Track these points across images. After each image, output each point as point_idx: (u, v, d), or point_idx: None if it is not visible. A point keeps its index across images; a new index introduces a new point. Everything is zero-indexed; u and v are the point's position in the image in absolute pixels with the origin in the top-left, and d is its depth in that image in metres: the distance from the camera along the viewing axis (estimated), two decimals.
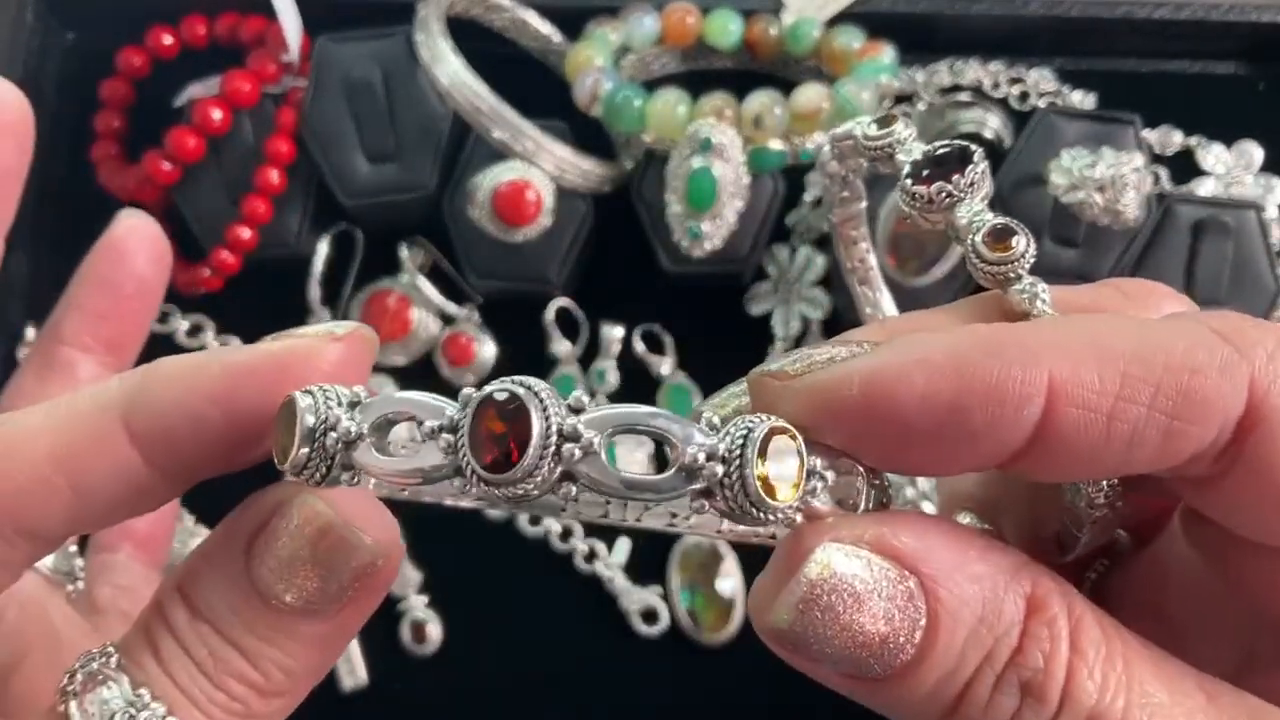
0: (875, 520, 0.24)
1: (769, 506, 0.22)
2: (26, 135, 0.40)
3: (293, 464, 0.25)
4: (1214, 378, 0.23)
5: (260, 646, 0.27)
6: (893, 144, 0.27)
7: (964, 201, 0.26)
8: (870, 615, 0.23)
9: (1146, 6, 0.61)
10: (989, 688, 0.23)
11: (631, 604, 0.57)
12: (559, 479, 0.23)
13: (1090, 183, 0.53)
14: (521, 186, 0.56)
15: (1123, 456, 0.23)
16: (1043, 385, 0.22)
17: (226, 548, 0.27)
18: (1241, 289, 0.56)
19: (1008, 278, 0.25)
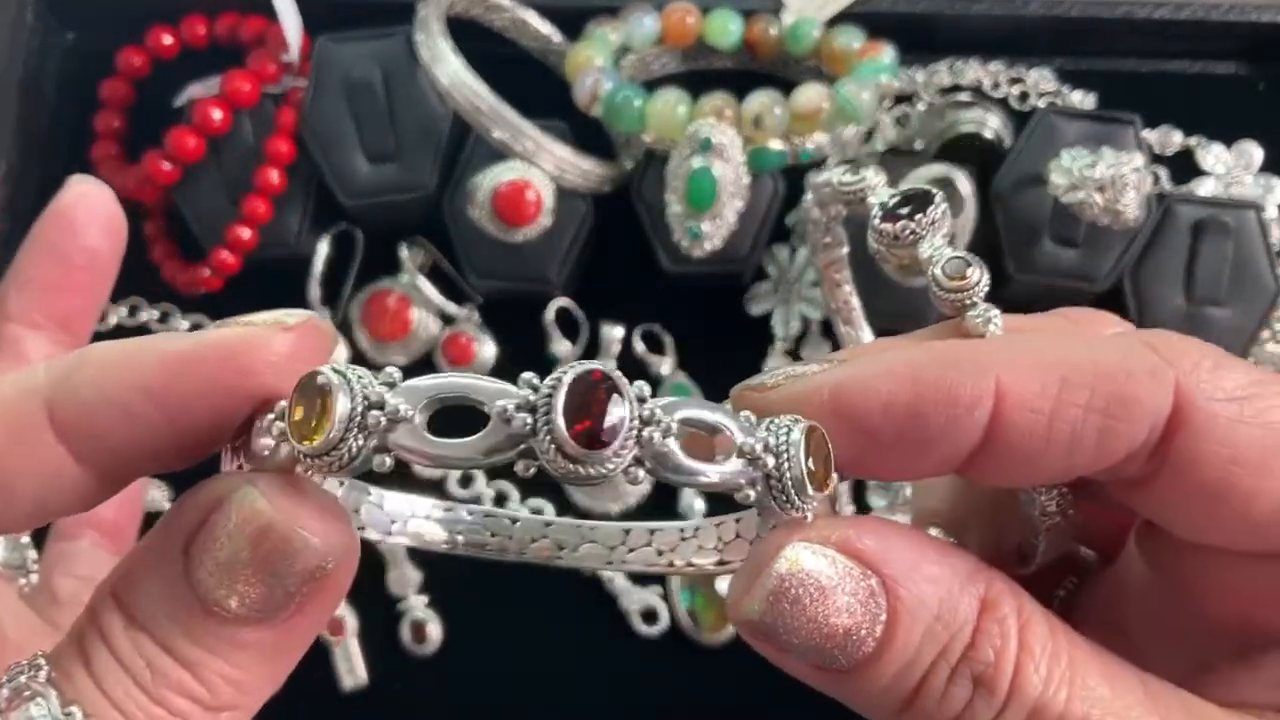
0: (841, 523, 0.26)
1: (809, 497, 0.25)
2: (118, 230, 0.38)
3: (322, 445, 0.23)
4: (1144, 382, 0.25)
5: (203, 656, 0.25)
6: (864, 189, 0.31)
7: (925, 238, 0.29)
8: (834, 610, 0.25)
9: (1146, 6, 0.61)
10: (944, 680, 0.25)
11: (631, 604, 0.57)
12: (632, 462, 0.24)
13: (1090, 183, 0.53)
14: (521, 186, 0.56)
15: (1065, 455, 0.25)
16: (990, 390, 0.25)
17: (163, 548, 0.25)
18: (1241, 289, 0.56)
19: (964, 304, 0.28)
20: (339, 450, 0.23)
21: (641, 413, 0.24)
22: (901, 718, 0.26)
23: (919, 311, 0.54)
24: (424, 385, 0.24)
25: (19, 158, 0.61)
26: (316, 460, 0.23)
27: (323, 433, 0.23)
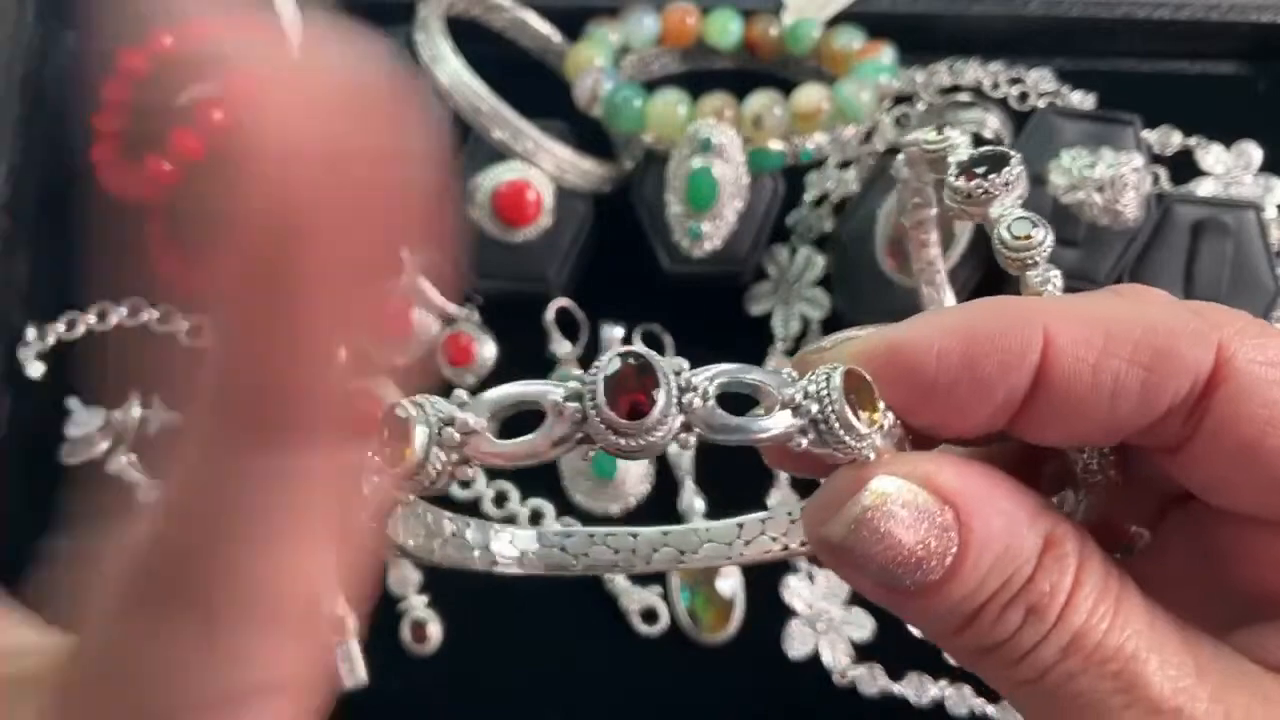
0: (923, 458, 0.27)
1: (858, 434, 0.26)
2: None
3: (410, 467, 0.26)
4: (1186, 338, 0.27)
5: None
6: (947, 149, 0.32)
7: (998, 198, 0.30)
8: (910, 538, 0.26)
9: (1146, 6, 0.61)
10: (1000, 607, 0.27)
11: (631, 603, 0.57)
12: (680, 428, 0.26)
13: (1090, 183, 0.53)
14: (521, 186, 0.56)
15: (1109, 405, 0.27)
16: (1039, 339, 0.27)
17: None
18: (1241, 289, 0.56)
19: (1026, 264, 0.29)
20: (426, 468, 0.26)
21: (679, 382, 0.26)
22: (956, 638, 0.27)
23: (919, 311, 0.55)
24: (489, 397, 0.27)
25: (20, 158, 0.61)
26: (411, 482, 0.26)
27: (408, 456, 0.26)
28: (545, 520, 0.58)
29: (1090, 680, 0.26)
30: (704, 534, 0.33)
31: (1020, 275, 0.30)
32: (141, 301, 0.61)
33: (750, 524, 0.32)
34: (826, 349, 0.29)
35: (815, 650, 0.56)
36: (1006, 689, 0.28)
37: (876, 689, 0.55)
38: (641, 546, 0.34)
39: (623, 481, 0.58)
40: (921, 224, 0.38)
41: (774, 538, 0.32)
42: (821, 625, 0.56)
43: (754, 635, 0.56)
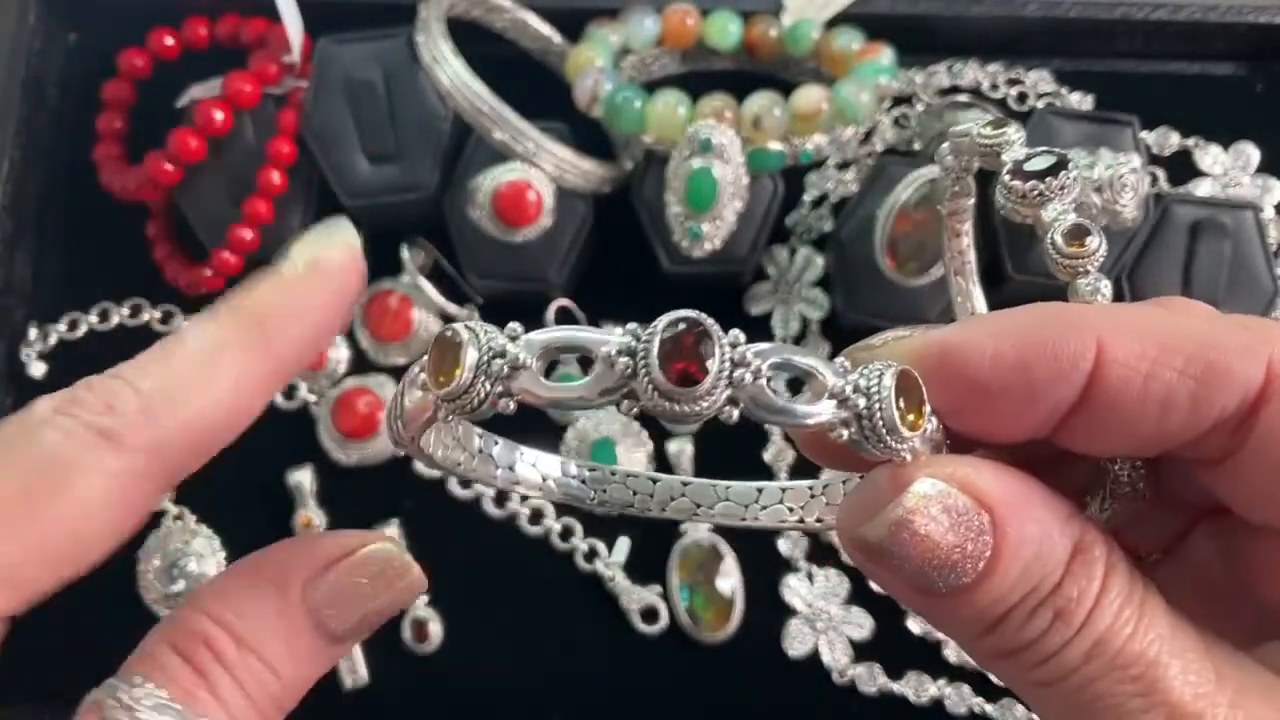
0: (963, 462, 0.27)
1: (901, 436, 0.26)
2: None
3: (455, 389, 0.26)
4: (1236, 354, 0.27)
5: (295, 673, 0.31)
6: (1002, 144, 0.31)
7: (1053, 201, 0.30)
8: (947, 541, 0.27)
9: (1144, 8, 0.61)
10: (1029, 610, 0.27)
11: (631, 603, 0.57)
12: (726, 401, 0.26)
13: (1088, 183, 0.53)
14: (522, 187, 0.56)
15: (1158, 417, 0.27)
16: (1092, 347, 0.27)
17: (279, 583, 0.32)
18: (1239, 289, 0.56)
19: (1078, 271, 0.29)
20: (470, 394, 0.26)
21: (734, 355, 0.25)
22: (982, 640, 0.28)
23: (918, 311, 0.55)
24: (541, 337, 0.27)
25: (21, 158, 0.62)
26: (451, 403, 0.26)
27: (455, 378, 0.26)
28: (545, 519, 0.58)
29: (1112, 684, 0.27)
30: (723, 491, 0.33)
31: (1070, 282, 0.30)
32: (144, 302, 0.61)
33: (770, 490, 0.32)
34: (876, 346, 0.29)
35: (815, 649, 0.56)
36: (1028, 690, 0.29)
37: (875, 688, 0.55)
38: (660, 492, 0.34)
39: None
40: (958, 213, 0.38)
41: (791, 508, 0.32)
42: (821, 624, 0.56)
43: (754, 634, 0.56)
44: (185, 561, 0.56)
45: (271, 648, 0.31)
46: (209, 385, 0.32)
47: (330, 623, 0.32)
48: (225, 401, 0.32)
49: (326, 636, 0.32)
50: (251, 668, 0.31)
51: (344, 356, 0.61)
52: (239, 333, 0.33)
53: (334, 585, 0.32)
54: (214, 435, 0.32)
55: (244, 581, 0.32)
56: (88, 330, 0.61)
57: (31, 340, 0.61)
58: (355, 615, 0.32)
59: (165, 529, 0.57)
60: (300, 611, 0.31)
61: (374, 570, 0.32)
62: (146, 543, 0.57)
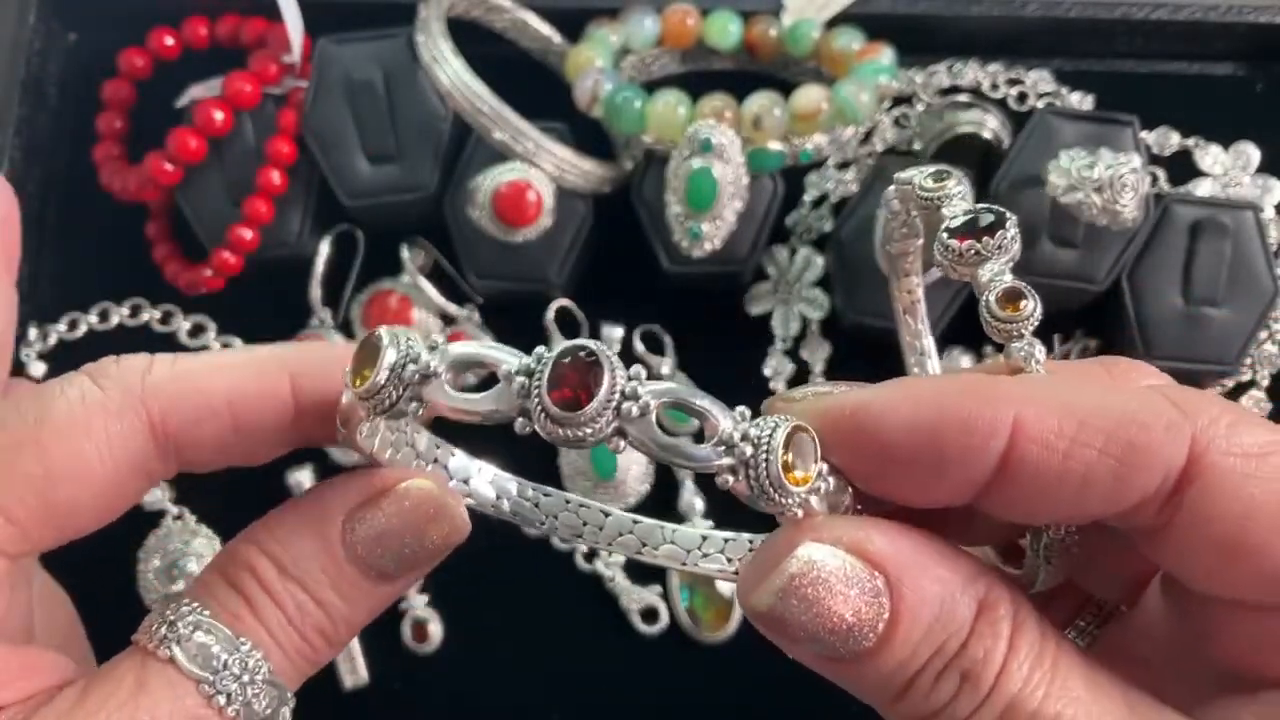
0: (853, 524, 0.27)
1: (786, 490, 0.26)
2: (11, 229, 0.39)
3: (369, 388, 0.28)
4: (1159, 433, 0.26)
5: (338, 603, 0.32)
6: (941, 197, 0.31)
7: (989, 261, 0.29)
8: (841, 605, 0.26)
9: (1144, 8, 0.61)
10: (935, 674, 0.27)
11: (631, 603, 0.57)
12: (613, 432, 0.26)
13: (1088, 183, 0.53)
14: (522, 187, 0.56)
15: (1077, 495, 0.27)
16: (1008, 423, 0.26)
17: (321, 517, 0.32)
18: (1239, 289, 0.56)
19: (1011, 335, 0.29)
20: (381, 394, 0.28)
21: (624, 388, 0.26)
22: (894, 707, 0.27)
23: None
24: (455, 350, 0.28)
25: (21, 158, 0.62)
26: (365, 401, 0.28)
27: (369, 380, 0.28)
28: None
29: None
30: (669, 534, 0.33)
31: (1005, 344, 0.29)
32: (144, 302, 0.61)
33: (713, 539, 0.33)
34: (796, 400, 0.29)
35: None
36: None
37: None
38: (609, 526, 0.34)
39: (623, 481, 0.58)
40: (907, 254, 0.37)
41: (729, 559, 0.32)
42: None
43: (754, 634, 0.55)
44: (185, 561, 0.56)
45: (315, 578, 0.32)
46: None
47: (371, 559, 0.32)
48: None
49: (370, 573, 0.32)
50: (294, 595, 0.32)
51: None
52: None
53: (372, 521, 0.32)
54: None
55: (290, 516, 0.33)
56: (88, 330, 0.61)
57: (31, 340, 0.61)
58: (395, 553, 0.32)
59: (165, 529, 0.57)
60: (340, 546, 0.32)
61: (409, 506, 0.32)
62: (146, 542, 0.57)
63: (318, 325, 0.61)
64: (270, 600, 0.31)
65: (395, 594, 0.34)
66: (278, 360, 0.33)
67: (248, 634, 0.31)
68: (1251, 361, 0.58)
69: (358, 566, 0.32)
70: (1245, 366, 0.58)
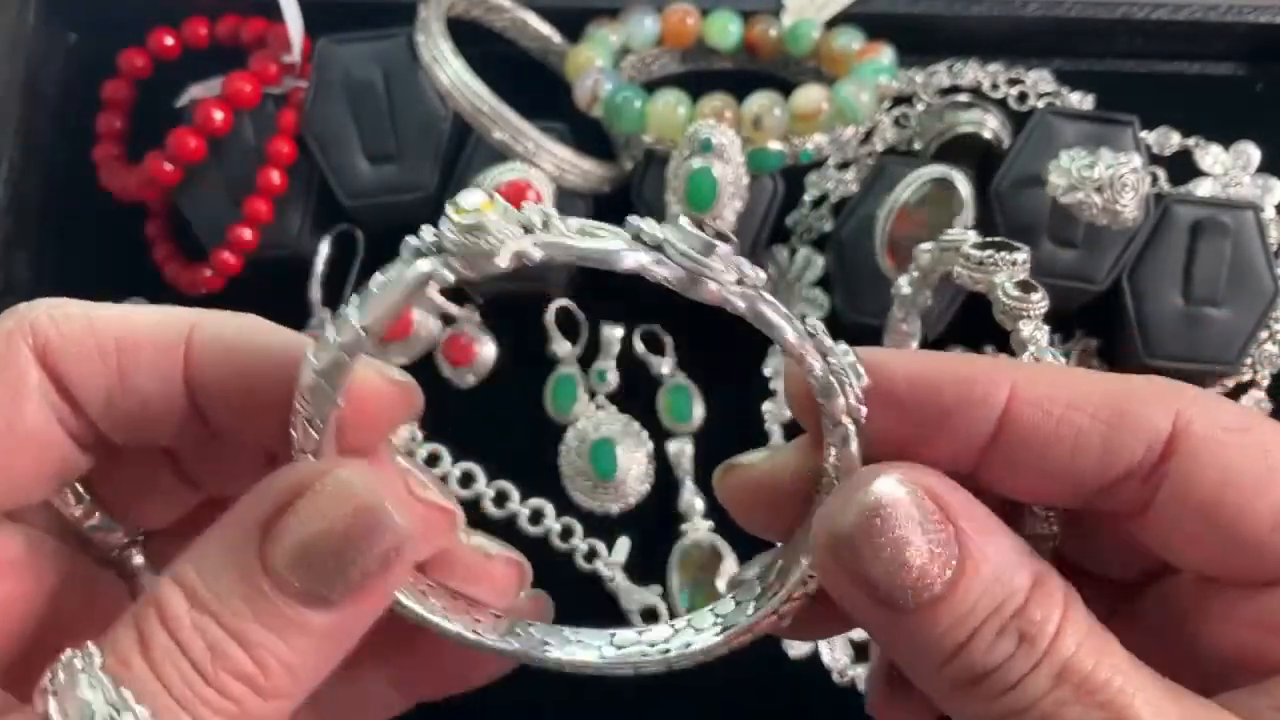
0: (930, 472, 0.28)
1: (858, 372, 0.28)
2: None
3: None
4: (1144, 403, 0.28)
5: (265, 638, 0.26)
6: (997, 262, 0.33)
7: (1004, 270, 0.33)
8: (914, 544, 0.27)
9: (1145, 7, 0.61)
10: (994, 633, 0.27)
11: (631, 604, 0.57)
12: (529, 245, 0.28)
13: (1088, 183, 0.53)
14: (522, 187, 0.56)
15: (1069, 462, 0.28)
16: (1005, 384, 0.28)
17: (238, 532, 0.26)
18: (1239, 289, 0.56)
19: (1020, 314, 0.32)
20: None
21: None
22: (946, 667, 0.27)
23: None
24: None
25: (20, 159, 0.62)
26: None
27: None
28: (545, 519, 0.58)
29: (1080, 711, 0.27)
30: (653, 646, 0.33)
31: (1013, 326, 0.32)
32: (144, 302, 0.61)
33: (684, 628, 0.32)
34: (747, 465, 0.31)
35: (815, 649, 0.56)
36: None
37: None
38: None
39: (623, 481, 0.58)
40: (906, 333, 0.42)
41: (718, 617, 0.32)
42: None
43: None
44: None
45: (233, 608, 0.26)
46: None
47: (297, 578, 0.26)
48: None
49: (301, 598, 0.26)
50: (206, 631, 0.25)
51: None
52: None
53: (290, 530, 0.26)
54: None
55: (211, 533, 0.27)
56: None
57: None
58: (319, 568, 0.26)
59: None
60: (259, 565, 0.26)
61: (327, 506, 0.26)
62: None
63: (318, 325, 0.61)
64: (172, 642, 0.25)
65: (349, 627, 0.27)
66: (181, 314, 0.30)
67: (134, 686, 0.25)
68: (1251, 361, 0.58)
69: (283, 591, 0.26)
70: (1245, 366, 0.58)
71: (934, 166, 0.56)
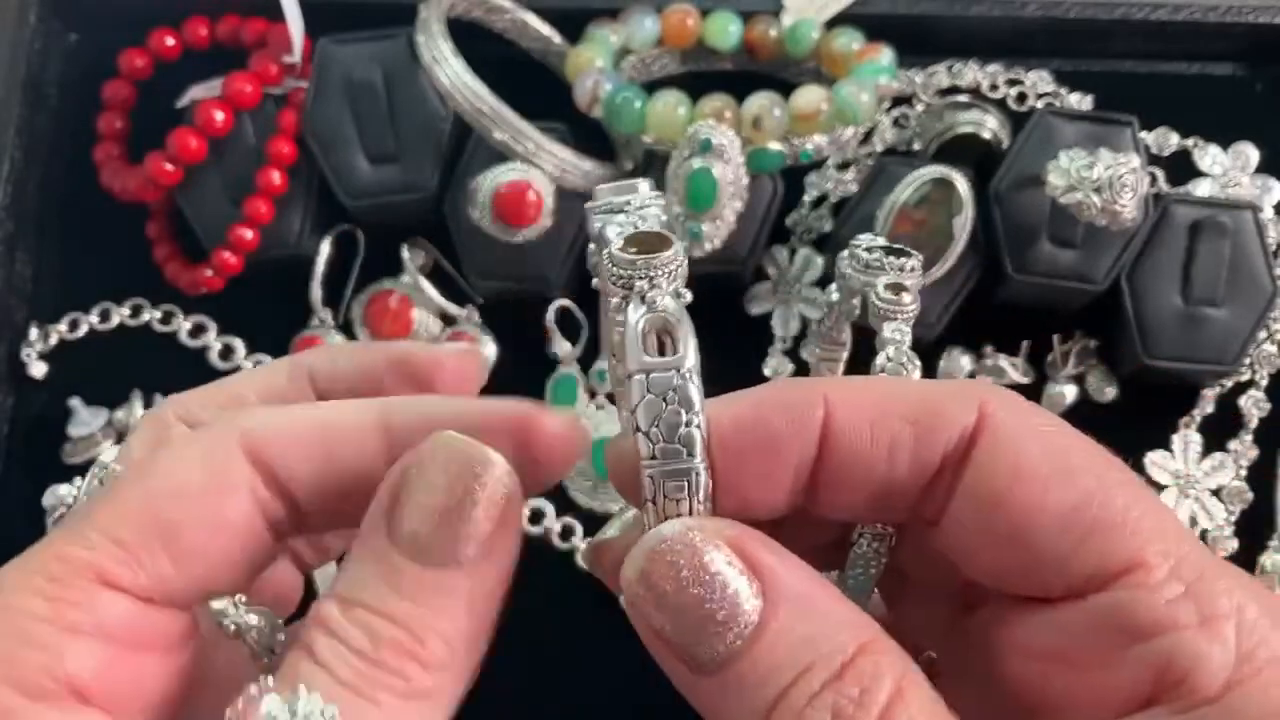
0: (738, 526, 0.27)
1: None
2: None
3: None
4: (950, 400, 0.28)
5: (412, 609, 0.27)
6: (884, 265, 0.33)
7: (887, 273, 0.33)
8: (712, 594, 0.26)
9: (1144, 8, 0.61)
10: (803, 701, 0.25)
11: None
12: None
13: (1088, 183, 0.53)
14: (522, 187, 0.56)
15: (887, 464, 0.28)
16: (821, 402, 0.28)
17: (367, 530, 0.28)
18: (1238, 289, 0.56)
19: (887, 316, 0.32)
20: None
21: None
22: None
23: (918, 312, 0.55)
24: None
25: (21, 158, 0.62)
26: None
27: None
28: (545, 519, 0.58)
29: None
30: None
31: (880, 327, 0.32)
32: (144, 302, 0.61)
33: None
34: (610, 538, 0.31)
35: None
36: None
37: None
38: None
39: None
40: (830, 361, 0.40)
41: None
42: None
43: None
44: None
45: (376, 592, 0.27)
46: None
47: (418, 541, 0.27)
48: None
49: (429, 559, 0.27)
50: (358, 619, 0.27)
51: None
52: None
53: (409, 497, 0.28)
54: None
55: (353, 548, 0.29)
56: (88, 330, 0.61)
57: (32, 340, 0.61)
58: (431, 522, 0.27)
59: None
60: (388, 543, 0.27)
61: (434, 464, 0.28)
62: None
63: (318, 325, 0.61)
64: (332, 638, 0.27)
65: (486, 585, 0.29)
66: (374, 400, 0.31)
67: (306, 682, 0.26)
68: (1251, 361, 0.58)
69: (415, 558, 0.27)
70: (1245, 366, 0.58)
71: (934, 167, 0.56)
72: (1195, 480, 0.57)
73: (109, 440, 0.59)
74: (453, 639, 0.28)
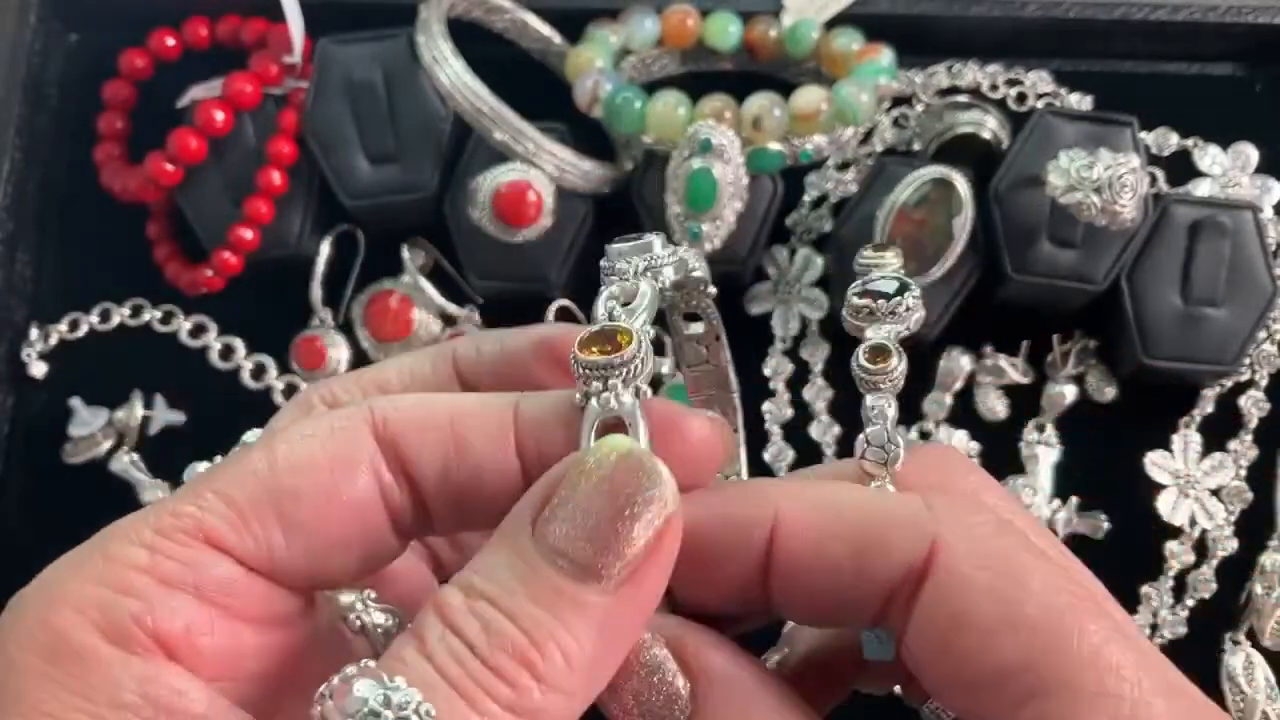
0: (677, 622, 0.28)
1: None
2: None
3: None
4: (897, 529, 0.27)
5: (541, 616, 0.25)
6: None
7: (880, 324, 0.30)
8: (643, 687, 0.27)
9: (1143, 8, 0.61)
10: None
11: None
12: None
13: (1088, 183, 0.53)
14: (522, 187, 0.56)
15: (830, 586, 0.28)
16: (769, 515, 0.28)
17: (512, 523, 0.26)
18: (1238, 289, 0.56)
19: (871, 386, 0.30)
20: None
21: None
22: None
23: None
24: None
25: (21, 158, 0.62)
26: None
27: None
28: None
29: None
30: None
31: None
32: (145, 302, 0.62)
33: None
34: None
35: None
36: None
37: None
38: None
39: None
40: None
41: None
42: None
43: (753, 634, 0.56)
44: None
45: (505, 585, 0.25)
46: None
47: (568, 546, 0.25)
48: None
49: (574, 571, 0.25)
50: (480, 612, 0.25)
51: (344, 357, 0.60)
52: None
53: (562, 501, 0.26)
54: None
55: (490, 538, 0.27)
56: (88, 330, 0.61)
57: (32, 340, 0.61)
58: (588, 531, 0.25)
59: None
60: (531, 542, 0.25)
61: (595, 467, 0.26)
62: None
63: (318, 325, 0.61)
64: (446, 628, 0.25)
65: (627, 614, 0.26)
66: (506, 394, 0.29)
67: (406, 672, 0.24)
68: (1251, 361, 0.58)
69: (556, 566, 0.25)
70: (1244, 366, 0.58)
71: (933, 167, 0.56)
72: (1195, 480, 0.57)
73: (109, 440, 0.59)
74: (574, 658, 0.25)
